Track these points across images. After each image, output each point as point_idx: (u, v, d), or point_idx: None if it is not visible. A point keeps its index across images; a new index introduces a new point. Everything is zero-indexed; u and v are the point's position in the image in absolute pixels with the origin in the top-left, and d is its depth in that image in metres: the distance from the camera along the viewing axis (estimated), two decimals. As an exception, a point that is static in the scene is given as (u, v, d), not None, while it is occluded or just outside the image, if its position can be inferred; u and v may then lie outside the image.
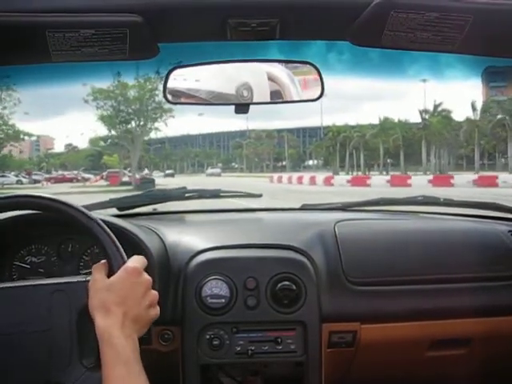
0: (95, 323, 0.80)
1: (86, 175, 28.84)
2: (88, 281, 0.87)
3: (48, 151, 44.04)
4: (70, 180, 26.35)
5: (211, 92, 1.09)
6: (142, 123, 22.07)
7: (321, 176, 21.86)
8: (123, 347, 0.78)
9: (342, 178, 21.77)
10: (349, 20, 0.76)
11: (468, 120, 32.24)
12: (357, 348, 1.32)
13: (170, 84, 1.08)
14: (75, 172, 31.08)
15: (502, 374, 1.49)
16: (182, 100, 1.12)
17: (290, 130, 49.79)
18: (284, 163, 46.34)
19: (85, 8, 0.72)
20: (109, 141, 26.08)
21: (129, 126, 22.20)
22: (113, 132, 23.05)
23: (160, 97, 20.51)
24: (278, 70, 1.12)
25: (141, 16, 0.73)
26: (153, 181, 19.49)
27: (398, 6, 0.72)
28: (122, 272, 0.83)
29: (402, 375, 1.45)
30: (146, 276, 0.86)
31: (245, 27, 0.78)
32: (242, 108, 1.10)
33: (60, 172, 32.81)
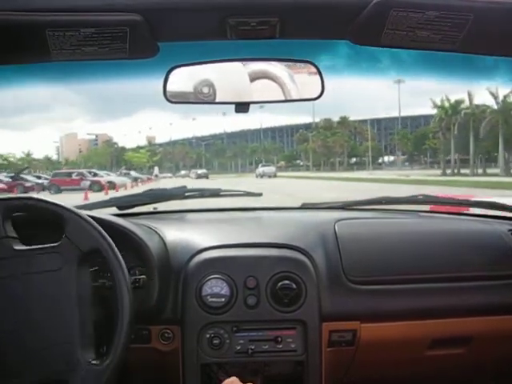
0: None
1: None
2: None
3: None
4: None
5: (171, 92, 1.09)
6: None
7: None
8: None
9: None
10: (349, 19, 0.76)
11: None
12: (357, 347, 1.32)
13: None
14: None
15: (501, 372, 1.50)
16: (181, 99, 1.12)
17: (362, 121, 40.89)
18: (355, 160, 36.31)
19: (85, 7, 0.72)
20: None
21: None
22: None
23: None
24: (278, 69, 1.12)
25: (141, 15, 0.73)
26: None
27: (397, 4, 0.72)
28: None
29: (402, 374, 1.45)
30: None
31: (245, 26, 0.78)
32: (241, 107, 1.10)
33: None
